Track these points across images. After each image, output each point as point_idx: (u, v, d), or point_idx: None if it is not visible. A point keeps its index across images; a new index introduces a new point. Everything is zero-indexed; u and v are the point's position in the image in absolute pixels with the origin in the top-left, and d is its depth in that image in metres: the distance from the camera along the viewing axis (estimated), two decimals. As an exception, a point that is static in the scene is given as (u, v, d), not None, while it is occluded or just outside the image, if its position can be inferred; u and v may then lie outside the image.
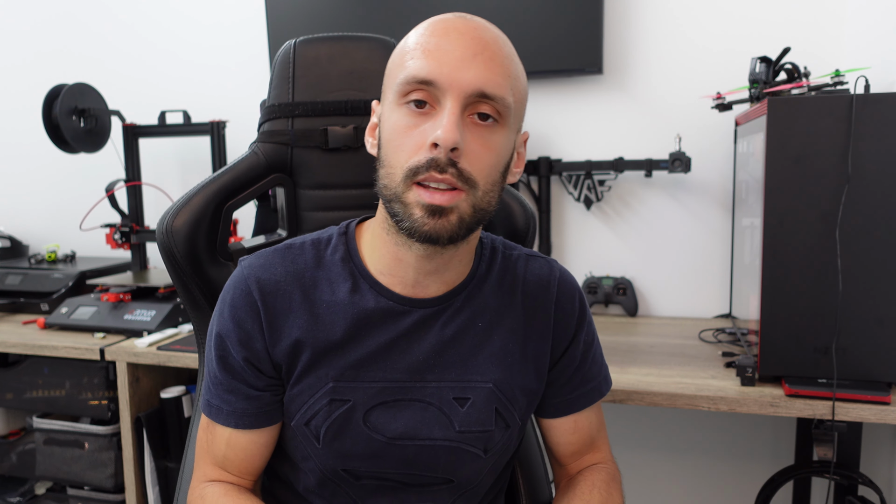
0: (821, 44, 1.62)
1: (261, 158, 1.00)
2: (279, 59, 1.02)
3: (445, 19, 0.71)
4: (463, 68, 0.67)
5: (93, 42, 2.22)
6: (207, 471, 0.82)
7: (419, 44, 0.70)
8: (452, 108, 0.67)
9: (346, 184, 1.02)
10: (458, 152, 0.67)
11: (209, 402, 0.80)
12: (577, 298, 0.85)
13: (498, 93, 0.69)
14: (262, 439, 0.80)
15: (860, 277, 1.11)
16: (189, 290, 0.95)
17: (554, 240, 1.86)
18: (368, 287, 0.78)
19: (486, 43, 0.69)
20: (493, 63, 0.69)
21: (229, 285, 0.79)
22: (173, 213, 0.93)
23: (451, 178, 0.67)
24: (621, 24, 1.76)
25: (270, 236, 1.08)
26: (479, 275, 0.81)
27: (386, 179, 0.71)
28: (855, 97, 1.09)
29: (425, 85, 0.68)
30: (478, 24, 0.71)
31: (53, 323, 1.74)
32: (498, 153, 0.71)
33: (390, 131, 0.70)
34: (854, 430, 1.38)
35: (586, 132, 1.82)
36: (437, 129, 0.66)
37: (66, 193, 2.31)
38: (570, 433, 0.87)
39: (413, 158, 0.68)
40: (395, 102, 0.70)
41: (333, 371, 0.76)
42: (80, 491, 1.74)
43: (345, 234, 0.81)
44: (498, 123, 0.70)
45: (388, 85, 0.73)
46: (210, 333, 0.80)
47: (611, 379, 0.90)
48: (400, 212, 0.69)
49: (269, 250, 0.81)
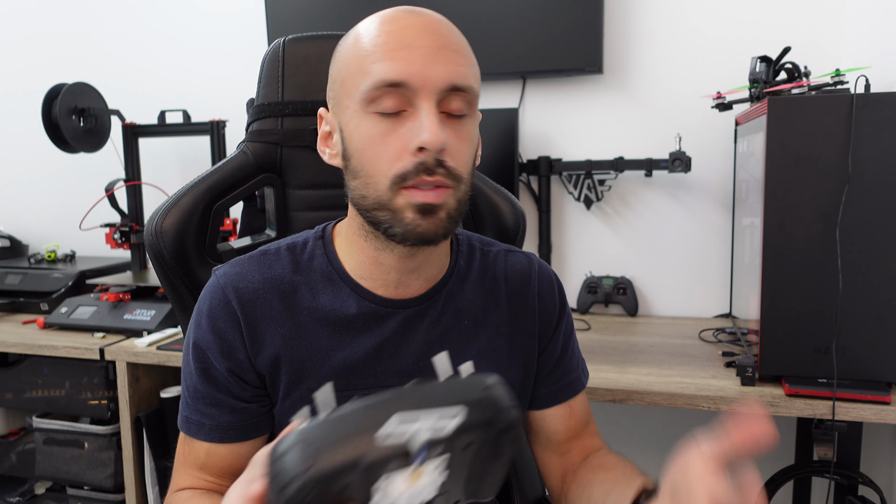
0: (821, 43, 1.62)
1: (250, 158, 1.00)
2: (268, 57, 1.02)
3: (396, 17, 0.68)
4: (431, 64, 0.65)
5: (93, 42, 2.22)
6: (180, 480, 0.79)
7: (378, 45, 0.67)
8: (429, 107, 0.65)
9: (335, 183, 1.01)
10: (444, 152, 0.66)
11: (188, 419, 0.77)
12: (557, 289, 0.86)
13: (467, 83, 0.67)
14: (243, 450, 0.77)
15: (860, 277, 1.11)
16: (178, 292, 0.94)
17: (554, 240, 1.86)
18: (350, 291, 0.76)
19: (445, 34, 0.68)
20: (458, 54, 0.68)
21: (206, 295, 0.76)
22: (162, 213, 0.92)
23: (441, 178, 0.66)
24: (621, 24, 1.76)
25: (258, 237, 1.08)
26: (459, 270, 0.81)
27: (364, 190, 0.68)
28: (855, 97, 1.09)
29: (395, 87, 0.65)
30: (430, 16, 0.69)
31: (53, 323, 1.74)
32: (472, 142, 0.71)
33: (362, 141, 0.68)
34: (854, 430, 1.38)
35: (586, 132, 1.82)
36: (421, 133, 0.64)
37: (65, 193, 2.31)
38: (566, 418, 0.87)
39: (397, 165, 0.66)
40: (360, 111, 0.67)
41: (323, 379, 0.74)
42: (80, 491, 1.74)
43: (321, 238, 0.79)
44: (467, 114, 0.69)
45: (347, 92, 0.69)
46: (187, 346, 0.77)
47: (587, 374, 0.91)
48: (387, 219, 0.67)
49: (243, 258, 0.78)
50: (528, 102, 1.85)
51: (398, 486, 0.49)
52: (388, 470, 0.48)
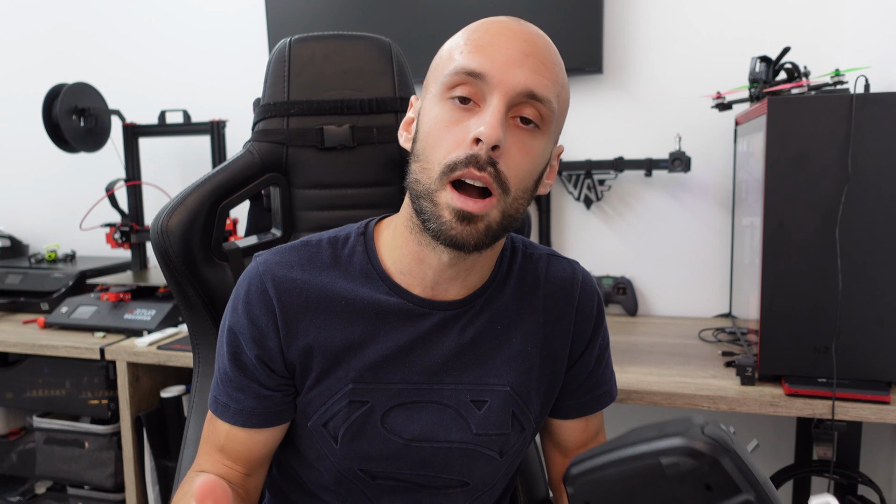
0: (821, 43, 1.62)
1: (256, 157, 1.00)
2: (274, 57, 1.02)
3: (498, 20, 0.70)
4: (514, 66, 0.66)
5: (93, 41, 2.22)
6: (202, 460, 0.80)
7: (470, 39, 0.69)
8: (498, 105, 0.65)
9: (341, 183, 1.02)
10: (498, 151, 0.65)
11: (216, 399, 0.78)
12: (597, 303, 0.84)
13: (546, 95, 0.67)
14: (262, 437, 0.79)
15: (860, 277, 1.11)
16: (183, 291, 0.94)
17: (554, 239, 1.86)
18: (387, 288, 0.76)
19: (539, 46, 0.69)
20: (544, 66, 0.68)
21: (244, 280, 0.77)
22: (168, 212, 0.92)
23: (488, 178, 0.65)
24: (621, 24, 1.76)
25: (264, 236, 1.08)
26: (500, 277, 0.80)
27: (420, 174, 0.69)
28: (855, 97, 1.09)
29: (473, 77, 0.66)
30: (531, 28, 0.71)
31: (53, 322, 1.74)
32: (536, 160, 0.69)
33: (430, 125, 0.69)
34: (854, 430, 1.38)
35: (586, 132, 1.82)
36: (480, 125, 0.64)
37: (66, 193, 2.31)
38: (580, 431, 0.87)
39: (452, 154, 0.66)
40: (438, 95, 0.69)
41: (352, 372, 0.75)
42: (80, 490, 1.74)
43: (363, 234, 0.79)
44: (539, 129, 0.69)
45: (433, 79, 0.71)
46: (222, 328, 0.78)
47: (617, 386, 0.90)
48: (429, 210, 0.67)
49: (284, 246, 0.79)
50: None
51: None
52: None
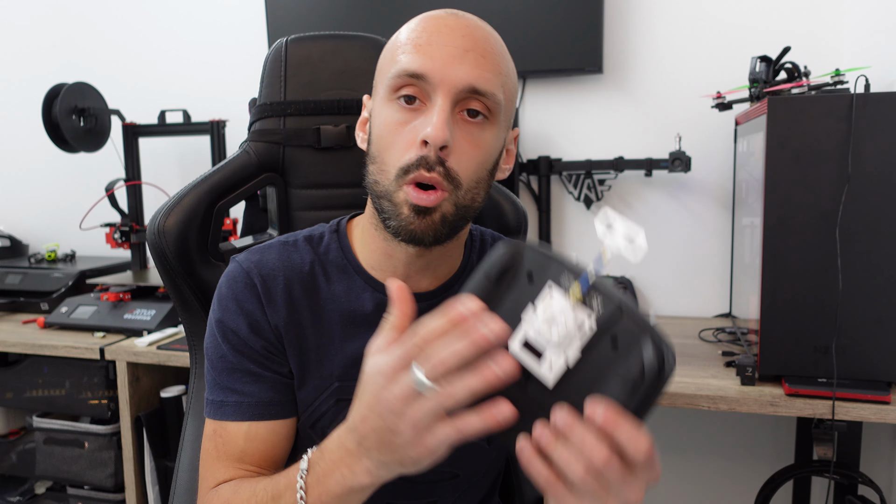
0: (821, 43, 1.62)
1: (252, 158, 1.00)
2: (270, 57, 1.02)
3: (437, 16, 0.71)
4: (454, 64, 0.67)
5: (92, 41, 2.22)
6: (217, 474, 0.75)
7: (410, 39, 0.70)
8: (443, 104, 0.66)
9: (338, 183, 1.02)
10: (447, 150, 0.66)
11: (222, 403, 0.75)
12: None
13: (489, 89, 0.68)
14: (284, 430, 0.76)
15: (860, 277, 1.11)
16: (180, 291, 0.94)
17: (554, 239, 1.86)
18: (364, 283, 0.77)
19: (478, 39, 0.69)
20: (485, 59, 0.69)
21: (227, 280, 0.77)
22: (165, 212, 0.92)
23: (437, 177, 0.67)
24: (621, 24, 1.76)
25: (260, 236, 1.08)
26: (470, 265, 0.82)
27: (378, 176, 0.70)
28: (855, 97, 1.09)
29: (416, 79, 0.67)
30: (469, 20, 0.71)
31: (53, 322, 1.74)
32: (487, 151, 0.71)
33: (381, 127, 0.70)
34: (854, 430, 1.38)
35: (586, 132, 1.82)
36: (426, 126, 0.66)
37: (66, 193, 2.31)
38: None
39: (405, 157, 0.67)
40: (385, 97, 0.70)
41: (337, 370, 0.76)
42: (80, 490, 1.74)
43: (336, 232, 0.81)
44: (488, 120, 0.70)
45: (380, 80, 0.73)
46: (212, 331, 0.76)
47: None
48: (389, 209, 0.69)
49: (261, 246, 0.79)
50: (528, 102, 1.85)
51: (559, 301, 0.52)
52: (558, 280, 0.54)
